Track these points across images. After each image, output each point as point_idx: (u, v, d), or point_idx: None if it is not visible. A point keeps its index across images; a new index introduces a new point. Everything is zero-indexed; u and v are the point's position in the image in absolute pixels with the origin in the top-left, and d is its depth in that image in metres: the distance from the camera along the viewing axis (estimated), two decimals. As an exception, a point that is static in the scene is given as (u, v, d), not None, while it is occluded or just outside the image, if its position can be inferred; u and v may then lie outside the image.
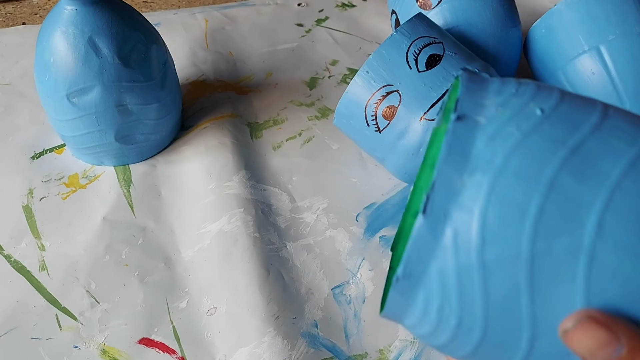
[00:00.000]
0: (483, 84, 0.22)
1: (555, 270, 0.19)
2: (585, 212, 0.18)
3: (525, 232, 0.19)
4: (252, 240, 0.43)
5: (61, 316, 0.39)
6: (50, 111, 0.45)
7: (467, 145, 0.20)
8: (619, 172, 0.19)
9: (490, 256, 0.19)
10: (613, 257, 0.18)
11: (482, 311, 0.20)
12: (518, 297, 0.19)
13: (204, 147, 0.50)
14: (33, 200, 0.46)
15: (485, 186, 0.19)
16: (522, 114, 0.20)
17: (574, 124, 0.20)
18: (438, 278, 0.20)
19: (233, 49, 0.63)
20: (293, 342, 0.37)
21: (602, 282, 0.18)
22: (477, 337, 0.20)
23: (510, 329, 0.19)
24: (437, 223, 0.19)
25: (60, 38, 0.42)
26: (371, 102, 0.42)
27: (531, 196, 0.19)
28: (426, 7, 0.51)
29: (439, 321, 0.21)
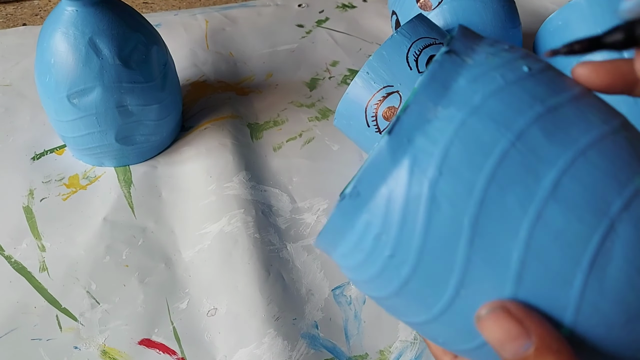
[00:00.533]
0: (479, 37, 0.23)
1: (501, 219, 0.18)
2: (546, 168, 0.19)
3: (483, 174, 0.19)
4: (253, 241, 0.43)
5: (61, 317, 0.39)
6: (51, 112, 0.45)
7: (449, 78, 0.20)
8: (587, 141, 0.19)
9: (442, 190, 0.19)
10: (560, 219, 0.18)
11: (418, 245, 0.19)
12: (458, 238, 0.19)
13: (204, 148, 0.50)
14: (33, 201, 0.46)
15: (457, 121, 0.19)
16: (509, 66, 0.21)
17: (555, 89, 0.20)
18: (384, 204, 0.20)
19: (233, 50, 0.63)
20: (293, 343, 0.37)
21: (543, 241, 0.18)
22: (405, 273, 0.20)
23: (440, 270, 0.19)
24: (399, 146, 0.19)
25: (60, 39, 0.42)
26: (372, 103, 0.42)
27: (498, 140, 0.19)
28: (427, 8, 0.51)
29: (372, 251, 0.20)
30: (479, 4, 0.49)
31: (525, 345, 0.19)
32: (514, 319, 0.19)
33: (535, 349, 0.18)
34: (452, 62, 0.20)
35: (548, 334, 0.18)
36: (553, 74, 0.21)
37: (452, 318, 0.20)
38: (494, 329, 0.19)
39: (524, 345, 0.19)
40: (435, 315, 0.20)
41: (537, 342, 0.18)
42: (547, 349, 0.18)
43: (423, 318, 0.21)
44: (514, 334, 0.19)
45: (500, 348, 0.19)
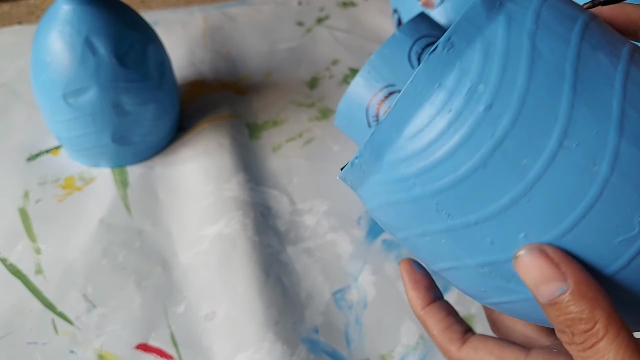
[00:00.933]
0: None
1: (597, 71, 0.19)
2: (620, 47, 0.21)
3: (574, 32, 0.20)
4: (251, 244, 0.42)
5: (57, 320, 0.38)
6: (47, 112, 0.45)
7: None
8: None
9: (542, 39, 0.19)
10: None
11: (521, 90, 0.19)
12: (561, 82, 0.19)
13: (202, 149, 0.49)
14: (29, 202, 0.45)
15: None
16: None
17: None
18: (482, 53, 0.19)
19: (232, 48, 0.62)
20: (293, 347, 0.37)
21: (636, 94, 0.19)
22: (503, 127, 0.19)
23: (543, 118, 0.19)
24: (492, 7, 0.20)
25: (56, 38, 0.41)
26: (373, 102, 0.41)
27: (578, 15, 0.21)
28: (429, 6, 0.50)
29: (463, 108, 0.19)
30: (482, 2, 0.48)
31: (560, 289, 0.18)
32: (551, 260, 0.18)
33: (570, 293, 0.18)
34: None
35: (584, 280, 0.18)
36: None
37: (550, 185, 0.19)
38: (530, 269, 0.19)
39: (559, 289, 0.18)
40: (528, 185, 0.19)
41: (572, 287, 0.18)
42: (582, 296, 0.18)
43: (509, 196, 0.19)
44: (549, 276, 0.18)
45: (535, 290, 0.19)
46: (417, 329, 0.38)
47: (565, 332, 0.19)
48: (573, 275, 0.18)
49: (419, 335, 0.38)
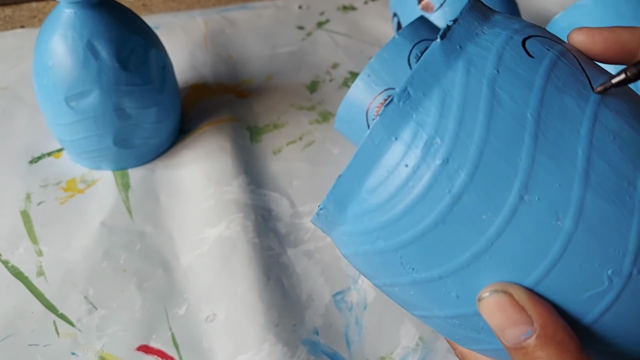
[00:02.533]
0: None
1: (562, 117, 0.18)
2: (594, 80, 0.20)
3: (539, 75, 0.19)
4: (252, 246, 0.42)
5: (59, 322, 0.38)
6: (49, 115, 0.45)
7: (487, 12, 0.21)
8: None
9: (502, 86, 0.18)
10: (614, 123, 0.19)
11: (478, 144, 0.18)
12: (521, 134, 0.18)
13: (203, 152, 0.50)
14: (31, 205, 0.45)
15: (503, 36, 0.20)
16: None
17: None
18: (439, 102, 0.18)
19: (233, 52, 0.62)
20: (293, 349, 0.37)
21: (604, 140, 0.18)
22: (460, 183, 0.18)
23: (502, 172, 0.18)
24: (452, 51, 0.19)
25: (59, 41, 0.41)
26: (373, 105, 0.41)
27: (545, 53, 0.20)
28: (428, 9, 0.50)
29: (420, 162, 0.18)
30: (481, 6, 0.48)
31: (526, 333, 0.18)
32: (516, 303, 0.18)
33: (536, 337, 0.17)
34: (484, 5, 0.22)
35: (552, 323, 0.18)
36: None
37: (512, 240, 0.18)
38: (494, 312, 0.18)
39: (524, 333, 0.18)
40: (489, 241, 0.18)
41: (538, 331, 0.17)
42: (550, 339, 0.17)
43: (470, 252, 0.18)
44: (514, 320, 0.18)
45: (501, 334, 0.18)
46: (417, 331, 0.39)
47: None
48: (540, 318, 0.18)
49: (418, 337, 0.38)
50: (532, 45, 0.20)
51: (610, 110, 0.19)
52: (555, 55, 0.20)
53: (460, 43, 0.19)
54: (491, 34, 0.20)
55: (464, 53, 0.19)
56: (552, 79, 0.19)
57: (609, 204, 0.18)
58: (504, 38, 0.20)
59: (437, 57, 0.19)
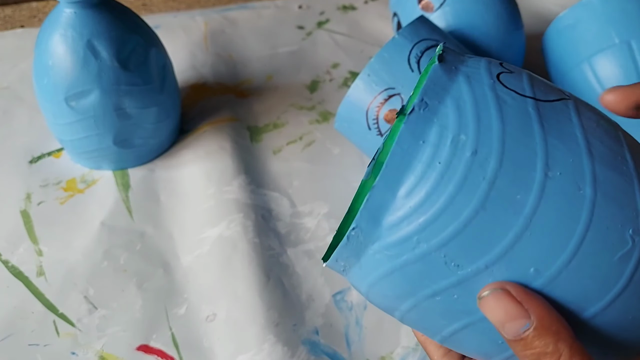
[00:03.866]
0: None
1: (555, 110, 0.21)
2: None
3: (525, 83, 0.22)
4: (252, 246, 0.42)
5: (59, 322, 0.38)
6: (49, 115, 0.45)
7: (459, 54, 0.24)
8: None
9: (501, 89, 0.21)
10: (591, 114, 0.22)
11: (499, 134, 0.20)
12: (530, 122, 0.20)
13: (203, 152, 0.50)
14: (31, 205, 0.45)
15: (484, 60, 0.23)
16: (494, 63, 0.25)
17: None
18: (455, 107, 0.21)
19: (233, 52, 0.62)
20: (294, 349, 0.37)
21: (592, 127, 0.21)
22: (492, 167, 0.20)
23: (525, 154, 0.20)
24: (450, 69, 0.22)
25: (59, 41, 0.41)
26: (373, 105, 0.41)
27: (521, 71, 0.23)
28: (428, 9, 0.50)
29: (451, 157, 0.20)
30: (481, 6, 0.48)
31: (525, 326, 0.19)
32: (514, 299, 0.19)
33: (534, 328, 0.19)
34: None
35: (547, 315, 0.19)
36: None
37: (547, 214, 0.19)
38: (495, 308, 0.19)
39: (523, 326, 0.19)
40: (527, 218, 0.19)
41: (536, 323, 0.19)
42: (546, 330, 0.19)
43: (512, 233, 0.19)
44: (514, 314, 0.19)
45: (501, 328, 0.20)
46: (417, 331, 0.39)
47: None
48: (535, 311, 0.19)
49: (418, 337, 0.38)
50: (506, 66, 0.23)
51: (585, 107, 0.22)
52: (526, 73, 0.23)
53: (454, 65, 0.22)
54: (474, 60, 0.23)
55: (460, 71, 0.22)
56: (535, 85, 0.22)
57: (615, 173, 0.20)
58: (485, 62, 0.23)
59: (440, 74, 0.21)
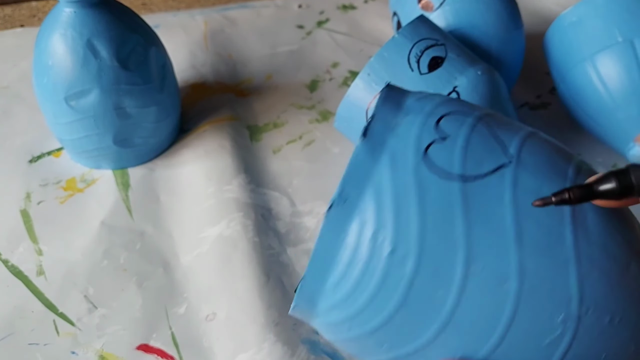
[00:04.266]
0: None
1: (485, 187, 0.20)
2: (508, 144, 0.21)
3: (456, 156, 0.20)
4: (252, 245, 0.42)
5: (59, 322, 0.38)
6: (49, 114, 0.45)
7: (399, 99, 0.22)
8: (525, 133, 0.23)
9: (425, 171, 0.20)
10: (533, 182, 0.20)
11: (418, 229, 0.19)
12: (453, 209, 0.19)
13: (203, 151, 0.50)
14: (30, 204, 0.45)
15: (419, 121, 0.21)
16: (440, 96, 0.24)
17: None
18: (374, 200, 0.20)
19: (233, 51, 0.62)
20: (293, 348, 0.37)
21: (528, 204, 0.20)
22: (411, 267, 0.19)
23: (446, 249, 0.19)
24: (375, 148, 0.21)
25: (58, 41, 0.41)
26: (373, 105, 0.41)
27: (460, 129, 0.21)
28: (428, 8, 0.50)
29: (371, 256, 0.20)
30: (481, 5, 0.48)
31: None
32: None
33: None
34: (394, 92, 0.23)
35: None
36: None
37: (469, 309, 0.19)
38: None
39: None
40: (448, 314, 0.20)
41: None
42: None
43: (435, 326, 0.20)
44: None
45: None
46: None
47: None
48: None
49: (418, 336, 0.38)
50: (446, 124, 0.21)
51: (527, 169, 0.20)
52: (468, 129, 0.21)
53: (381, 139, 0.21)
54: (406, 123, 0.21)
55: (386, 148, 0.21)
56: (470, 154, 0.21)
57: (546, 259, 0.19)
58: (419, 125, 0.21)
59: (363, 157, 0.21)
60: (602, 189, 0.19)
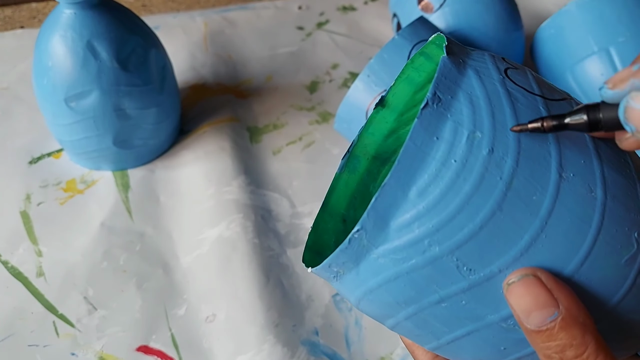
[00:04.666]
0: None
1: (563, 110, 0.21)
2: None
3: (532, 81, 0.22)
4: (252, 247, 0.42)
5: (58, 323, 0.38)
6: (49, 115, 0.45)
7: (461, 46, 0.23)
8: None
9: (510, 85, 0.21)
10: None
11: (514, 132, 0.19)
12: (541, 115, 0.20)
13: (203, 152, 0.50)
14: (30, 205, 0.45)
15: (487, 53, 0.23)
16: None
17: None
18: (468, 102, 0.20)
19: (233, 53, 0.62)
20: (293, 349, 0.37)
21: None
22: (509, 167, 0.19)
23: (540, 154, 0.19)
24: (458, 62, 0.21)
25: (58, 42, 0.41)
26: (372, 106, 0.41)
27: (523, 67, 0.23)
28: (428, 10, 0.50)
29: (467, 153, 0.19)
30: (481, 7, 0.48)
31: (552, 316, 0.18)
32: (544, 287, 0.18)
33: (562, 319, 0.18)
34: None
35: (575, 306, 0.18)
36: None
37: (562, 216, 0.19)
38: (523, 296, 0.18)
39: (551, 315, 0.18)
40: (543, 220, 0.19)
41: (564, 313, 0.18)
42: (573, 321, 0.18)
43: (528, 236, 0.19)
44: (543, 302, 0.18)
45: (526, 317, 0.19)
46: (417, 332, 0.39)
47: (552, 357, 0.19)
48: (565, 300, 0.18)
49: (418, 337, 0.38)
50: (508, 61, 0.22)
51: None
52: (528, 70, 0.23)
53: (461, 58, 0.21)
54: (478, 53, 0.22)
55: (469, 65, 0.21)
56: (540, 83, 0.21)
57: (620, 176, 0.20)
58: (488, 55, 0.22)
59: (450, 67, 0.21)
60: (573, 121, 0.19)
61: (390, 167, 0.29)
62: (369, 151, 0.29)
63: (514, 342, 0.20)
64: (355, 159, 0.28)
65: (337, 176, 0.28)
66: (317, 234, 0.26)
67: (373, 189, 0.29)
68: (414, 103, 0.28)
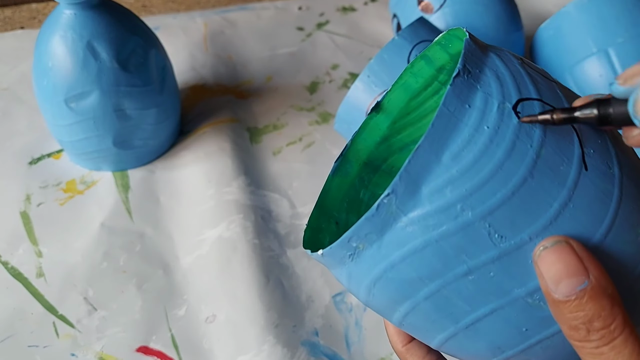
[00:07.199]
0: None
1: (574, 95, 0.22)
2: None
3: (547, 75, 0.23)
4: (252, 247, 0.42)
5: (58, 323, 0.38)
6: (49, 116, 0.45)
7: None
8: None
9: (528, 68, 0.22)
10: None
11: (540, 104, 0.20)
12: (561, 103, 0.21)
13: (203, 153, 0.50)
14: (30, 206, 0.45)
15: (505, 49, 0.23)
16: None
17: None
18: (495, 76, 0.21)
19: (233, 53, 0.62)
20: (293, 350, 0.37)
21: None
22: (538, 137, 0.20)
23: (563, 128, 0.20)
24: (480, 46, 0.22)
25: (58, 42, 0.41)
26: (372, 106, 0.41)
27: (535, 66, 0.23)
28: (428, 10, 0.50)
29: (499, 120, 0.19)
30: (481, 7, 0.48)
31: (582, 284, 0.18)
32: (576, 254, 0.18)
33: (591, 288, 0.18)
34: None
35: (604, 276, 0.18)
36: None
37: (586, 188, 0.19)
38: (555, 262, 0.18)
39: (581, 284, 0.18)
40: (570, 190, 0.19)
41: (594, 282, 0.18)
42: (602, 291, 0.18)
43: (556, 204, 0.19)
44: (573, 270, 0.18)
45: (555, 285, 0.18)
46: (417, 332, 0.39)
47: (579, 329, 0.18)
48: (595, 270, 0.18)
49: (418, 338, 0.38)
50: (518, 56, 0.23)
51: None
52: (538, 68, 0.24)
53: (482, 44, 0.22)
54: (494, 46, 0.23)
55: (489, 49, 0.22)
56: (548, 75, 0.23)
57: (629, 159, 0.21)
58: (505, 50, 0.23)
59: (474, 48, 0.21)
60: (583, 115, 0.20)
61: (381, 175, 0.29)
62: (361, 157, 0.29)
63: (538, 321, 0.20)
64: (348, 164, 0.28)
65: (330, 179, 0.28)
66: (313, 231, 0.26)
67: (364, 195, 0.29)
68: (408, 111, 0.28)
